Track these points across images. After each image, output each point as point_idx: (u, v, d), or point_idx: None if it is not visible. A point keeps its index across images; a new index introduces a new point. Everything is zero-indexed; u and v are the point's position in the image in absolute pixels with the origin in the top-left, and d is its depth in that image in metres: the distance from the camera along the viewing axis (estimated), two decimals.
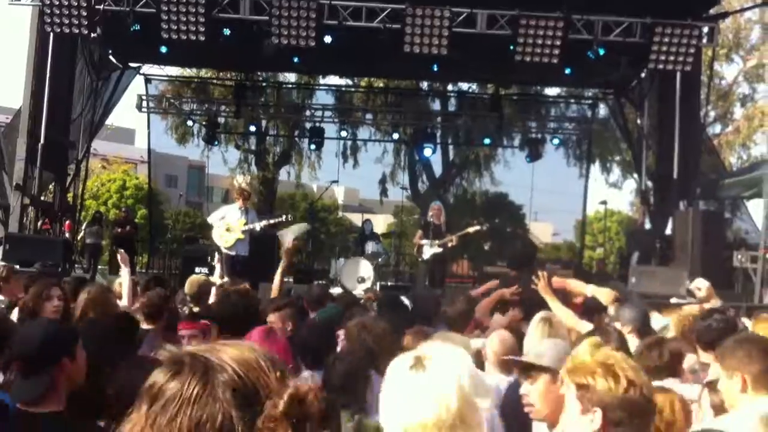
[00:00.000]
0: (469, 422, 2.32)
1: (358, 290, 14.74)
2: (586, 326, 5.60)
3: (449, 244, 14.40)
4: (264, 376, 1.46)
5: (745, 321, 6.80)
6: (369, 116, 25.20)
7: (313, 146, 23.15)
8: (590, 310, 6.71)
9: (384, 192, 32.01)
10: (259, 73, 22.20)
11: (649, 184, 17.78)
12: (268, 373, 1.47)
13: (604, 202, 25.96)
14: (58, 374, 3.20)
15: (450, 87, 24.50)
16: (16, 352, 3.37)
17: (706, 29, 14.06)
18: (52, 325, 3.63)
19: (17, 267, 9.12)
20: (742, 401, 3.57)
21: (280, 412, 1.41)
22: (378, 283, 15.70)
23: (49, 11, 13.35)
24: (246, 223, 13.48)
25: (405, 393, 2.33)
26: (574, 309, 6.55)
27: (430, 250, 14.37)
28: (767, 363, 3.60)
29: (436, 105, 26.32)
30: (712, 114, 27.95)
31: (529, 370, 3.57)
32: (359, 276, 15.61)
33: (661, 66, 13.88)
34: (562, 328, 5.19)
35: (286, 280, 18.40)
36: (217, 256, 13.70)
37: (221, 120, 23.08)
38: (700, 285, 7.31)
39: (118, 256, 7.24)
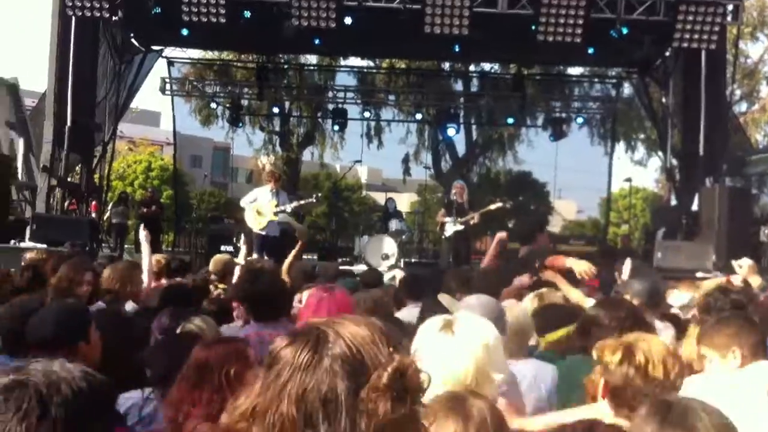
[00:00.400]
0: (481, 389, 2.54)
1: (383, 267, 14.83)
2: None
3: (471, 222, 14.40)
4: (377, 351, 1.54)
5: None
6: (391, 97, 25.18)
7: (336, 127, 23.19)
8: (606, 286, 6.74)
9: (407, 171, 32.09)
10: (280, 55, 22.21)
11: (675, 161, 17.65)
12: (381, 348, 1.55)
13: (629, 180, 25.79)
14: (73, 358, 3.28)
15: (472, 67, 24.38)
16: (32, 337, 3.45)
17: (730, 7, 13.82)
18: (65, 310, 3.70)
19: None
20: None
21: (383, 384, 1.49)
22: (402, 260, 15.78)
23: None
24: (277, 205, 13.62)
25: (431, 351, 2.56)
26: (589, 286, 6.61)
27: (452, 227, 14.38)
28: (759, 334, 3.60)
29: (459, 85, 26.26)
30: (738, 92, 27.57)
31: None
32: (383, 253, 15.71)
33: (685, 44, 13.70)
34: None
35: (310, 256, 18.63)
36: (243, 237, 13.83)
37: (244, 102, 23.18)
38: (742, 263, 7.26)
39: (141, 234, 7.30)
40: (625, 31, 13.94)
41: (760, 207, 16.69)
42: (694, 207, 15.49)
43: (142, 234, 7.27)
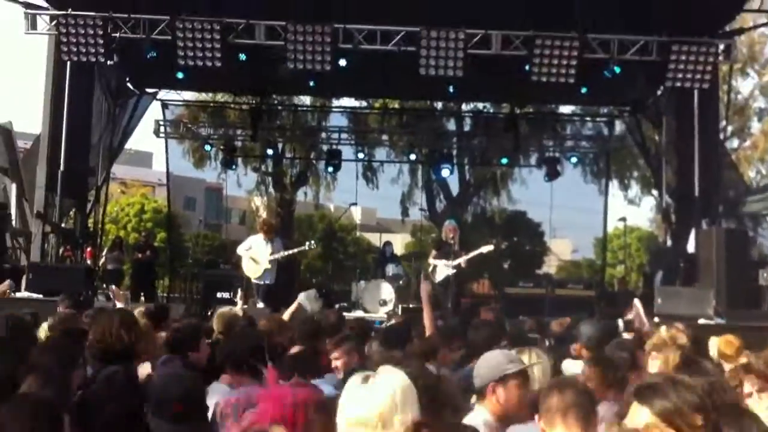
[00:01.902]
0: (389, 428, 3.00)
1: (380, 313, 14.75)
2: None
3: (462, 264, 14.24)
4: None
5: None
6: (385, 137, 25.22)
7: (330, 168, 23.19)
8: None
9: (405, 212, 31.98)
10: (274, 97, 22.28)
11: (669, 200, 17.66)
12: None
13: (623, 219, 25.78)
14: None
15: (465, 107, 24.48)
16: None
17: (722, 46, 13.95)
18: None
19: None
20: None
21: None
22: (399, 306, 15.67)
23: (65, 40, 13.46)
24: (272, 253, 14.09)
25: (350, 398, 3.08)
26: None
27: (443, 271, 14.20)
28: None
29: (452, 125, 26.28)
30: (729, 129, 27.74)
31: None
32: (381, 299, 15.63)
33: (678, 83, 13.78)
34: None
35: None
36: (240, 290, 14.32)
37: (238, 143, 23.17)
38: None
39: (111, 292, 7.27)
40: (618, 70, 14.00)
41: (756, 249, 16.66)
42: (691, 248, 15.46)
43: (113, 291, 7.30)
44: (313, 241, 16.56)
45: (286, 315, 7.77)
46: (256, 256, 14.11)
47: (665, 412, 2.75)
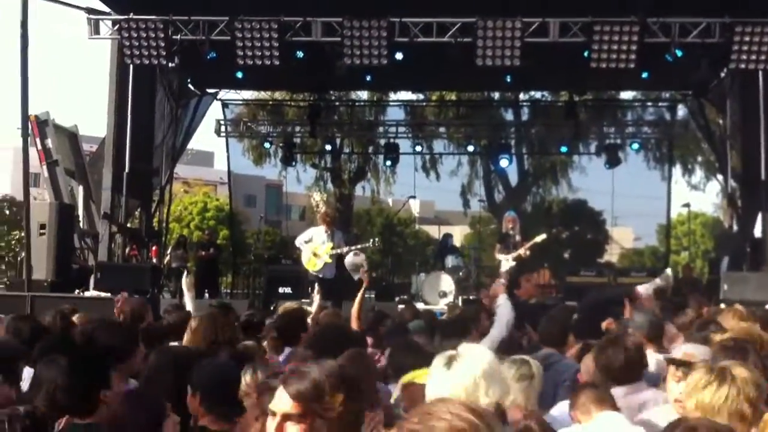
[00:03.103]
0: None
1: (440, 305, 14.75)
2: None
3: (521, 255, 14.19)
4: None
5: None
6: (442, 129, 25.17)
7: (389, 162, 23.25)
8: None
9: (466, 203, 31.84)
10: (332, 93, 22.42)
11: (735, 185, 17.30)
12: None
13: (687, 205, 25.32)
14: None
15: (522, 96, 24.30)
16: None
17: None
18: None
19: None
20: None
21: None
22: (460, 297, 15.66)
23: (128, 44, 13.73)
24: (333, 247, 13.62)
25: (435, 383, 3.14)
26: None
27: (506, 264, 14.19)
28: None
29: (509, 115, 26.10)
30: None
31: None
32: (440, 290, 15.64)
33: (742, 66, 13.43)
34: None
35: (368, 296, 18.56)
36: (316, 287, 13.84)
37: (297, 140, 23.38)
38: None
39: (183, 282, 7.43)
40: (680, 54, 13.69)
41: None
42: (758, 233, 15.12)
43: (185, 281, 7.40)
44: (377, 239, 16.40)
45: (354, 310, 7.72)
46: (316, 249, 13.67)
47: (299, 395, 2.53)
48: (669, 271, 7.21)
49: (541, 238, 14.15)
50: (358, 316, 7.37)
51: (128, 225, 15.84)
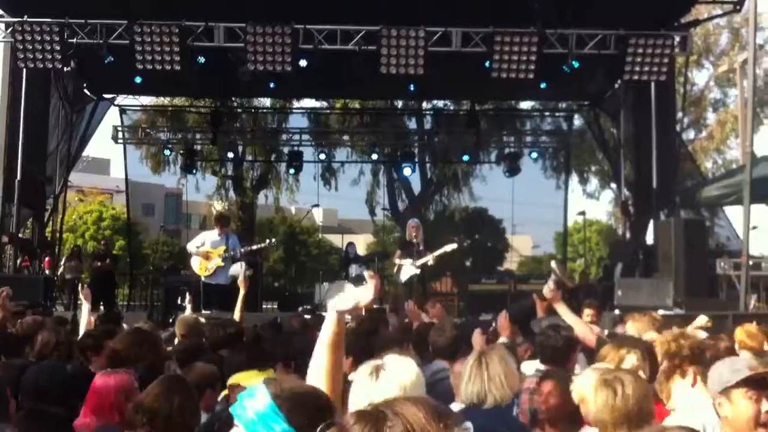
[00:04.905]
0: None
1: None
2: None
3: (428, 264, 14.19)
4: (431, 428, 1.69)
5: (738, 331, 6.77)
6: (346, 137, 25.17)
7: (292, 170, 23.10)
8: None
9: (372, 211, 31.84)
10: (234, 99, 22.12)
11: (628, 193, 17.87)
12: (434, 425, 1.70)
13: (582, 213, 26.04)
14: None
15: (425, 105, 24.52)
16: None
17: (678, 38, 14.16)
18: None
19: None
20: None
21: None
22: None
23: (21, 47, 13.26)
24: (226, 250, 13.05)
25: (361, 394, 3.07)
26: None
27: (409, 271, 14.09)
28: None
29: (413, 123, 26.31)
30: (685, 120, 28.16)
31: None
32: None
33: (636, 77, 13.95)
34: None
35: (271, 305, 18.37)
36: (187, 294, 13.30)
37: (198, 147, 22.95)
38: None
39: (80, 293, 7.32)
40: (576, 65, 14.12)
41: (713, 239, 16.87)
42: (649, 240, 15.66)
43: (83, 293, 7.34)
44: (274, 239, 16.17)
45: (236, 315, 7.75)
46: (209, 252, 13.00)
47: None
48: (553, 263, 7.55)
49: (451, 247, 14.16)
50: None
51: (20, 235, 15.19)
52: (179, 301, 16.10)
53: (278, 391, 2.23)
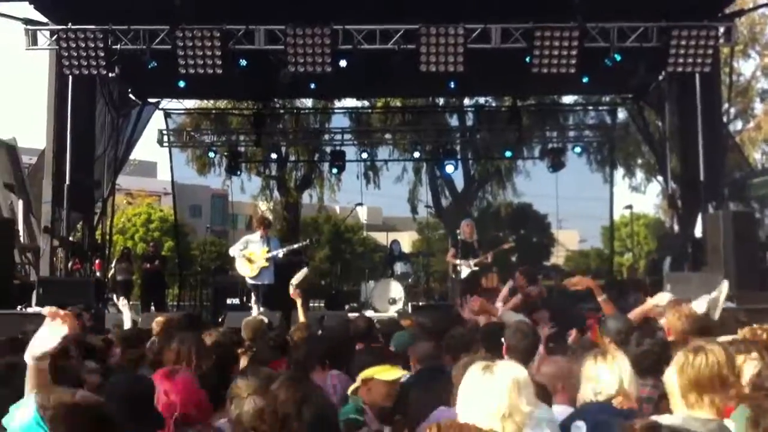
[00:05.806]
0: (513, 419, 3.19)
1: (390, 312, 14.77)
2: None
3: (484, 261, 14.39)
4: None
5: None
6: (388, 136, 25.19)
7: (334, 170, 23.20)
8: None
9: (414, 209, 31.84)
10: (276, 101, 22.29)
11: (675, 186, 17.62)
12: None
13: (629, 207, 25.73)
14: None
15: (467, 101, 24.42)
16: None
17: (722, 29, 13.92)
18: None
19: None
20: None
21: None
22: (409, 304, 15.69)
23: (66, 54, 13.51)
24: (269, 251, 13.42)
25: (473, 388, 3.28)
26: None
27: (467, 269, 14.35)
28: None
29: (454, 120, 26.25)
30: (732, 111, 27.64)
31: None
32: (390, 297, 15.67)
33: (680, 69, 13.75)
34: None
35: (317, 303, 18.52)
36: (253, 297, 13.66)
37: (242, 149, 23.21)
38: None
39: (120, 302, 7.41)
40: (618, 58, 13.95)
41: (764, 231, 16.55)
42: (698, 233, 15.41)
43: (121, 302, 7.43)
44: (315, 238, 16.38)
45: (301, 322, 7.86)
46: (252, 255, 13.39)
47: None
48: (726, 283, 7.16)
49: (508, 245, 14.30)
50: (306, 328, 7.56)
51: (70, 239, 15.50)
52: (227, 301, 16.39)
53: (45, 402, 2.15)
